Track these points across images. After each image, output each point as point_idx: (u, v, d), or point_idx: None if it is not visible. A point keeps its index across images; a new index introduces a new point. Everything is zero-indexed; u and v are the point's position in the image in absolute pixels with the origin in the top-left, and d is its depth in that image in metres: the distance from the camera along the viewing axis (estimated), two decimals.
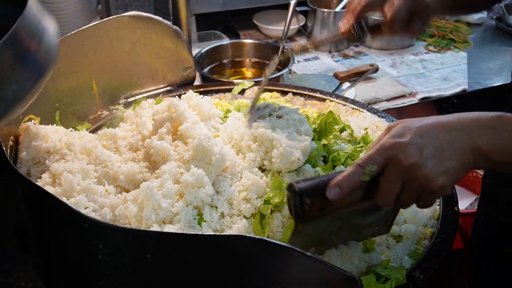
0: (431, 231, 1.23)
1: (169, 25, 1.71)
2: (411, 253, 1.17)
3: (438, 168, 0.94)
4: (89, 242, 0.95)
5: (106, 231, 0.91)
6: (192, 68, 1.81)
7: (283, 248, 0.87)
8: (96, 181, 1.22)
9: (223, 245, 0.87)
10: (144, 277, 0.94)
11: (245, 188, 1.22)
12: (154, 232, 0.99)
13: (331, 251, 1.12)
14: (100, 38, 1.60)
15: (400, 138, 0.96)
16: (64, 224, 0.99)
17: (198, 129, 1.26)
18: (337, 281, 0.90)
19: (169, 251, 0.90)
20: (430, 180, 0.94)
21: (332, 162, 1.33)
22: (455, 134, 0.96)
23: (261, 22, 2.76)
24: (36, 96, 1.39)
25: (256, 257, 0.88)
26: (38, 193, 1.00)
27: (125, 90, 1.73)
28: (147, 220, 1.10)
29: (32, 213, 1.08)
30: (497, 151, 0.95)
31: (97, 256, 0.95)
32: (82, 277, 1.04)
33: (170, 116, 1.32)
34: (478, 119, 0.97)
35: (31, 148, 1.29)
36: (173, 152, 1.25)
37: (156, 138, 1.28)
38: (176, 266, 0.92)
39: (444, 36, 2.78)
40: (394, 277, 1.07)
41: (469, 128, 0.96)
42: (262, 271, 0.90)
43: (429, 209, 1.27)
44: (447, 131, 0.96)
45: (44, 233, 1.08)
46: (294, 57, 2.23)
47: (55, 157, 1.28)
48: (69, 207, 0.94)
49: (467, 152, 0.95)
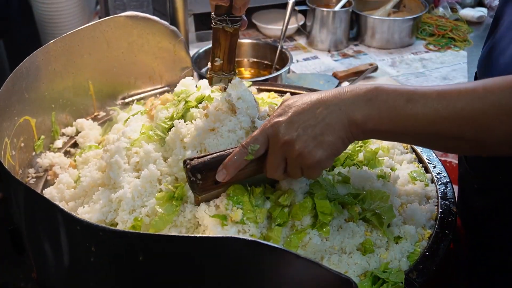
0: (430, 232, 1.21)
1: (166, 25, 1.70)
2: (410, 254, 1.15)
3: (311, 143, 1.01)
4: (81, 245, 0.94)
5: (98, 233, 0.90)
6: (190, 68, 1.80)
7: (276, 250, 0.86)
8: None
9: (216, 246, 0.86)
10: (137, 279, 0.93)
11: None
12: (146, 234, 0.98)
13: (329, 254, 1.12)
14: (96, 38, 1.59)
15: (280, 117, 1.04)
16: (57, 226, 0.98)
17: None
18: (332, 284, 0.89)
19: (161, 253, 0.89)
20: (305, 155, 1.02)
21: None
22: (331, 109, 1.02)
23: (260, 22, 2.75)
24: (31, 97, 1.40)
25: (249, 259, 0.87)
26: (31, 196, 1.00)
27: (122, 91, 1.72)
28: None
29: (26, 215, 1.07)
30: (372, 121, 1.00)
31: (89, 258, 0.94)
32: (75, 279, 1.04)
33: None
34: (354, 93, 1.02)
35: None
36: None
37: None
38: (169, 268, 0.91)
39: (444, 35, 2.77)
40: (392, 280, 1.05)
41: (344, 102, 1.01)
42: (255, 273, 0.89)
43: (428, 210, 1.26)
44: (325, 107, 1.02)
45: (38, 235, 1.07)
46: (292, 56, 2.22)
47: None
48: (61, 209, 0.93)
49: (343, 125, 1.01)
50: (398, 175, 1.32)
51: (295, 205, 1.14)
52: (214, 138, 1.20)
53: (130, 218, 1.17)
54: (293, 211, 1.14)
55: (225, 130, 1.21)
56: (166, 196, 1.17)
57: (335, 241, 1.14)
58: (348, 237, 1.14)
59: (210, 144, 1.20)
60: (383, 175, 1.29)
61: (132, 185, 1.21)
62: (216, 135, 1.21)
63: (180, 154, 1.22)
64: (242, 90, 1.29)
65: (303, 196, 1.16)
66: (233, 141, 1.21)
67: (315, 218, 1.14)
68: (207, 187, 1.09)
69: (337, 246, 1.14)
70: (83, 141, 1.52)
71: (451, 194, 1.31)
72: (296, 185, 1.17)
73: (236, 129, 1.22)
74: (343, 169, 1.30)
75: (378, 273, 1.08)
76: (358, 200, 1.20)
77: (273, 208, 1.15)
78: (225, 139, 1.20)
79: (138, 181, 1.21)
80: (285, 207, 1.14)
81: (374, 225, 1.18)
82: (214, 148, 1.19)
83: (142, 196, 1.20)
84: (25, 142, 1.40)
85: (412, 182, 1.34)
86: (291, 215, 1.14)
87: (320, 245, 1.12)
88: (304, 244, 1.12)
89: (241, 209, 1.10)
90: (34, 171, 1.42)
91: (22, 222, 1.12)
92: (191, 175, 1.07)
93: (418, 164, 1.43)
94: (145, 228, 1.15)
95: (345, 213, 1.17)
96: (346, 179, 1.24)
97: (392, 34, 2.64)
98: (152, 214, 1.17)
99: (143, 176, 1.21)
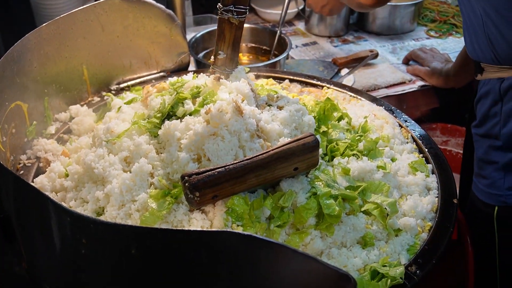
0: (430, 224, 1.19)
1: (163, 9, 1.66)
2: (410, 247, 1.13)
3: None
4: (72, 236, 0.92)
5: (89, 226, 0.87)
6: (187, 53, 1.77)
7: (273, 245, 0.83)
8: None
9: (210, 241, 0.84)
10: (129, 272, 0.91)
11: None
12: (139, 227, 0.96)
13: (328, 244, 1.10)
14: (90, 21, 1.55)
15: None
16: (48, 217, 0.95)
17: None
18: (330, 279, 0.86)
19: (154, 246, 0.87)
20: None
21: (331, 152, 1.29)
22: None
23: (260, 6, 2.70)
24: (22, 82, 1.36)
25: (245, 253, 0.84)
26: (21, 186, 0.97)
27: (117, 76, 1.69)
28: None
29: (16, 205, 1.05)
30: None
31: (80, 250, 0.92)
32: (65, 271, 1.01)
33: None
34: None
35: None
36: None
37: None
38: (162, 261, 0.88)
39: (445, 21, 2.72)
40: (391, 275, 1.03)
41: None
42: (252, 268, 0.86)
43: (429, 202, 1.23)
44: None
45: (27, 226, 1.04)
46: (291, 41, 2.18)
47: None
48: (53, 200, 0.90)
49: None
50: (398, 166, 1.29)
51: (297, 208, 1.11)
52: (214, 143, 1.15)
53: (120, 213, 1.13)
54: (296, 215, 1.11)
55: (227, 133, 1.16)
56: (160, 193, 1.13)
57: (336, 236, 1.11)
58: (349, 231, 1.12)
59: (210, 149, 1.15)
60: (383, 165, 1.26)
61: (120, 179, 1.16)
62: (216, 139, 1.16)
63: (175, 156, 1.17)
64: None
65: (305, 197, 1.13)
66: (234, 146, 1.16)
67: (318, 217, 1.11)
68: (205, 202, 1.07)
69: (338, 241, 1.11)
70: (77, 127, 1.49)
71: (452, 185, 1.28)
72: (297, 186, 1.14)
73: (241, 130, 1.18)
74: (342, 159, 1.27)
75: (378, 267, 1.05)
76: (358, 193, 1.17)
77: (273, 210, 1.11)
78: (226, 144, 1.15)
79: (127, 175, 1.16)
80: (285, 208, 1.11)
81: (374, 217, 1.15)
82: (213, 153, 1.14)
83: (131, 191, 1.15)
84: (17, 128, 1.36)
85: (412, 173, 1.32)
86: (293, 220, 1.11)
87: (322, 245, 1.10)
88: (305, 244, 1.10)
89: (241, 226, 1.07)
90: (26, 158, 1.39)
91: (11, 212, 1.09)
92: (189, 193, 1.04)
93: (419, 154, 1.40)
94: (134, 222, 1.11)
95: (346, 206, 1.15)
96: (346, 171, 1.21)
97: (393, 20, 2.59)
98: (143, 209, 1.13)
99: (134, 170, 1.17)
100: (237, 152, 1.16)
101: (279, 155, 1.09)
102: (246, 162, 1.07)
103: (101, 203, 1.17)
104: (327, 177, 1.17)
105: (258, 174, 1.08)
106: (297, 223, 1.11)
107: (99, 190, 1.18)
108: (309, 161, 1.13)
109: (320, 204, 1.10)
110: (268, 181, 1.11)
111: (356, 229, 1.12)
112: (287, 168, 1.11)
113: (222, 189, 1.06)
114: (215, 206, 1.10)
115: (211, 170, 1.05)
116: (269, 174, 1.10)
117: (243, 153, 1.17)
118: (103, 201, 1.17)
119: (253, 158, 1.08)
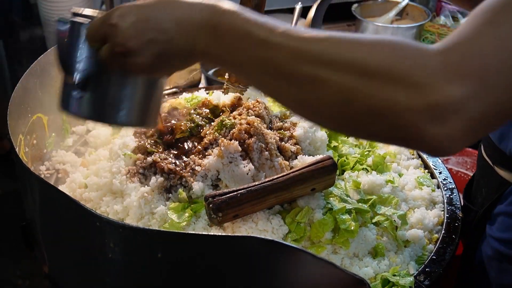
0: (436, 236, 1.24)
1: None
2: (418, 258, 1.18)
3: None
4: (100, 241, 0.96)
5: (118, 230, 0.92)
6: (198, 70, 1.82)
7: (294, 250, 0.87)
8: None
9: (235, 245, 0.88)
10: (154, 277, 0.95)
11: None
12: (166, 231, 1.00)
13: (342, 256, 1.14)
14: None
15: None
16: (76, 222, 0.99)
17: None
18: (346, 284, 0.91)
19: (180, 251, 0.91)
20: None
21: (342, 166, 1.34)
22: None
23: None
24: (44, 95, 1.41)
25: (267, 258, 0.89)
26: (51, 192, 1.01)
27: None
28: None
29: (43, 211, 1.09)
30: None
31: (107, 254, 0.96)
32: (90, 274, 1.05)
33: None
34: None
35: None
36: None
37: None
38: (187, 266, 0.92)
39: None
40: (401, 284, 1.08)
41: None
42: (273, 273, 0.90)
43: (435, 215, 1.28)
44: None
45: (53, 230, 1.08)
46: None
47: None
48: (81, 205, 0.94)
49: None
50: (406, 181, 1.35)
51: (314, 224, 1.15)
52: (229, 170, 1.19)
53: (139, 225, 1.15)
54: (312, 230, 1.14)
55: (240, 160, 1.20)
56: (180, 206, 1.17)
57: (350, 248, 1.15)
58: (361, 242, 1.16)
59: (226, 176, 1.20)
60: (392, 180, 1.31)
61: (139, 192, 1.19)
62: (230, 166, 1.20)
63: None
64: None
65: (321, 212, 1.17)
66: (250, 168, 1.19)
67: (333, 231, 1.16)
68: (226, 221, 1.11)
69: (351, 253, 1.16)
70: (93, 140, 1.53)
71: (457, 199, 1.33)
72: (313, 202, 1.18)
73: (262, 149, 1.23)
74: (352, 173, 1.32)
75: (389, 276, 1.10)
76: (369, 205, 1.22)
77: (290, 224, 1.15)
78: (240, 169, 1.19)
79: (145, 188, 1.20)
80: (302, 223, 1.16)
81: (385, 229, 1.20)
82: (230, 180, 1.19)
83: (150, 203, 1.18)
84: (38, 139, 1.41)
85: (419, 187, 1.37)
86: (310, 234, 1.15)
87: (336, 258, 1.14)
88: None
89: None
90: (45, 169, 1.43)
91: (36, 217, 1.13)
92: (212, 213, 1.08)
93: (424, 169, 1.46)
94: None
95: (359, 219, 1.19)
96: (357, 184, 1.26)
97: None
98: (161, 221, 1.16)
99: (152, 184, 1.21)
100: (253, 173, 1.21)
101: (299, 177, 1.14)
102: (267, 184, 1.12)
103: (120, 215, 1.21)
104: (340, 191, 1.22)
105: (278, 195, 1.13)
106: (313, 237, 1.15)
107: (117, 204, 1.22)
108: (326, 183, 1.18)
109: (336, 219, 1.15)
110: (286, 200, 1.17)
111: (367, 240, 1.17)
112: (305, 189, 1.16)
113: (243, 209, 1.10)
114: (234, 222, 1.15)
115: (233, 192, 1.09)
116: (288, 194, 1.14)
117: (263, 171, 1.23)
118: (122, 214, 1.21)
119: (273, 180, 1.13)
